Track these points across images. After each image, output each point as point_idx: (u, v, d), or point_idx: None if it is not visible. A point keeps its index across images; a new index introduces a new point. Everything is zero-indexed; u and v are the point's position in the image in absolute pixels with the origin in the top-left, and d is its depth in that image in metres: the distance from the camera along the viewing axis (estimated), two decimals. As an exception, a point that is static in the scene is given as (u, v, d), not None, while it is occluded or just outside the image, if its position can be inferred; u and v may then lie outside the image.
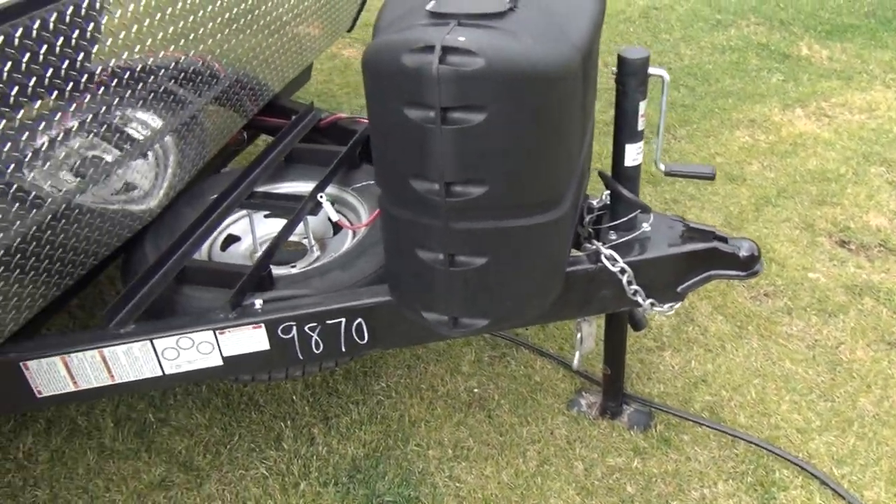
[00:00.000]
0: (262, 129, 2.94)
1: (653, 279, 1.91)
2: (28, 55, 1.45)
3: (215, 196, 2.39)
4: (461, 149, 1.43)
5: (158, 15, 1.86)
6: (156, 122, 2.10)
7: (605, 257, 1.87)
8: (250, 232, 2.39)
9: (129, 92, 1.84)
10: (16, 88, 1.44)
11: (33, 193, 1.59)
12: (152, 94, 1.95)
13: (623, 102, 1.79)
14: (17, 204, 1.54)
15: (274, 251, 2.00)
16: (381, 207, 1.68)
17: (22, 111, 1.47)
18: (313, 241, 2.35)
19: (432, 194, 1.50)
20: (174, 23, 1.94)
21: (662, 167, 1.90)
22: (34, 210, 1.60)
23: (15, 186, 1.51)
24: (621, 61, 1.75)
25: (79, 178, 1.77)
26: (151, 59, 1.89)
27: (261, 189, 2.41)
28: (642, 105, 1.80)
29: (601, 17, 1.70)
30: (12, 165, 1.48)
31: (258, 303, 1.82)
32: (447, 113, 1.39)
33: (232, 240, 2.40)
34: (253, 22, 2.36)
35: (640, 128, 1.83)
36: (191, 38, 2.04)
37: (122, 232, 2.04)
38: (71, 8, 1.53)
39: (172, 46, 1.98)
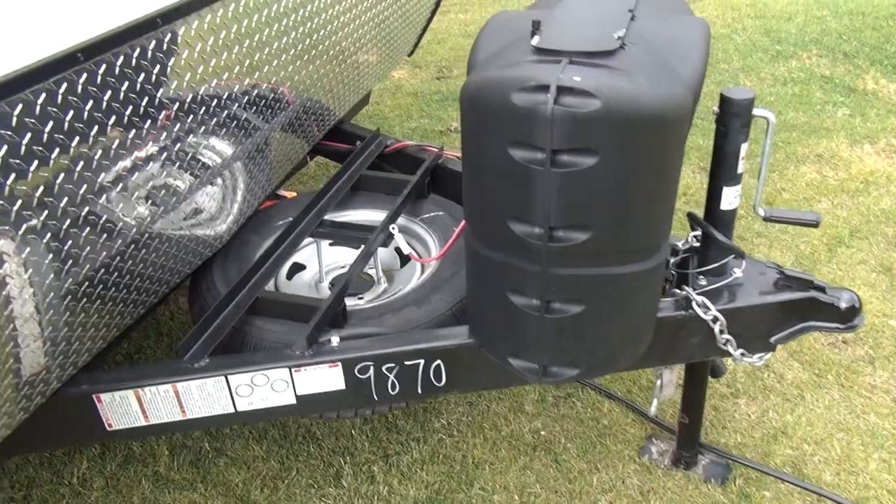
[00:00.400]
0: (325, 153, 2.90)
1: (745, 329, 1.81)
2: (108, 90, 1.42)
3: (281, 223, 2.35)
4: (568, 192, 1.36)
5: (234, 49, 1.82)
6: (227, 148, 2.06)
7: (697, 304, 1.78)
8: (316, 260, 2.33)
9: (202, 120, 1.80)
10: (95, 124, 1.40)
11: (111, 223, 1.54)
12: (224, 122, 1.91)
13: (724, 144, 1.70)
14: (96, 234, 1.50)
15: (349, 286, 1.94)
16: (470, 247, 1.60)
17: (101, 143, 1.44)
18: (381, 273, 2.29)
19: (533, 238, 1.42)
20: (246, 55, 1.90)
21: (762, 212, 1.81)
22: (112, 239, 1.56)
23: (93, 217, 1.47)
24: (725, 101, 1.66)
25: (153, 206, 1.73)
26: (223, 89, 1.85)
27: (328, 217, 2.36)
28: (744, 147, 1.71)
29: (708, 54, 1.62)
30: (91, 196, 1.44)
31: (335, 340, 1.75)
32: (557, 155, 1.32)
33: (297, 268, 2.35)
34: (320, 50, 2.32)
35: (739, 170, 1.74)
36: (261, 67, 2.01)
37: (193, 259, 2.00)
38: (152, 43, 1.49)
39: (243, 76, 1.94)
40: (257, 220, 2.37)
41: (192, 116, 1.73)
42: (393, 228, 2.18)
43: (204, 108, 1.77)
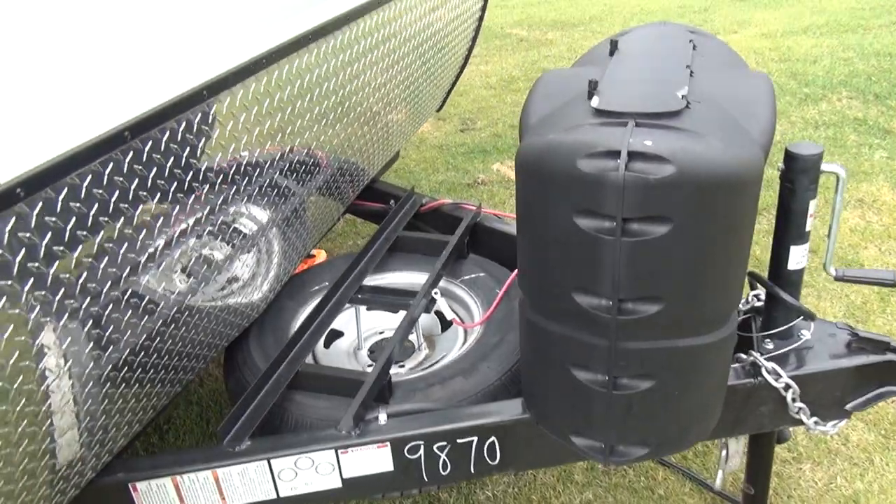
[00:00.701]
0: (359, 213, 2.84)
1: (817, 396, 1.69)
2: (153, 167, 1.36)
3: (317, 288, 2.27)
4: (639, 263, 1.27)
5: (269, 119, 1.77)
6: (263, 214, 2.00)
7: (767, 371, 1.66)
8: (353, 326, 2.25)
9: (240, 189, 1.74)
10: (138, 203, 1.34)
11: (149, 303, 1.47)
12: (261, 189, 1.85)
13: (790, 201, 1.61)
14: (136, 316, 1.43)
15: (393, 358, 1.85)
16: (526, 318, 1.51)
17: (142, 222, 1.38)
18: (422, 339, 2.19)
19: (600, 311, 1.33)
20: (280, 124, 1.85)
21: (833, 272, 1.70)
22: (150, 319, 1.48)
23: (133, 299, 1.40)
24: (791, 157, 1.58)
25: (190, 279, 1.66)
26: (260, 157, 1.80)
27: (366, 281, 2.28)
28: (812, 204, 1.62)
29: (776, 109, 1.55)
30: (131, 277, 1.37)
31: (383, 418, 1.65)
32: (627, 224, 1.23)
33: (334, 335, 2.26)
34: (352, 114, 2.28)
35: (807, 228, 1.64)
36: (295, 134, 1.96)
37: (229, 331, 1.92)
38: (184, 124, 1.44)
39: (279, 143, 1.89)
40: (292, 285, 2.30)
41: (229, 187, 1.67)
42: (436, 293, 2.09)
43: (241, 178, 1.72)
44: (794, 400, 1.67)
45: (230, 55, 1.60)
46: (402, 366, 2.12)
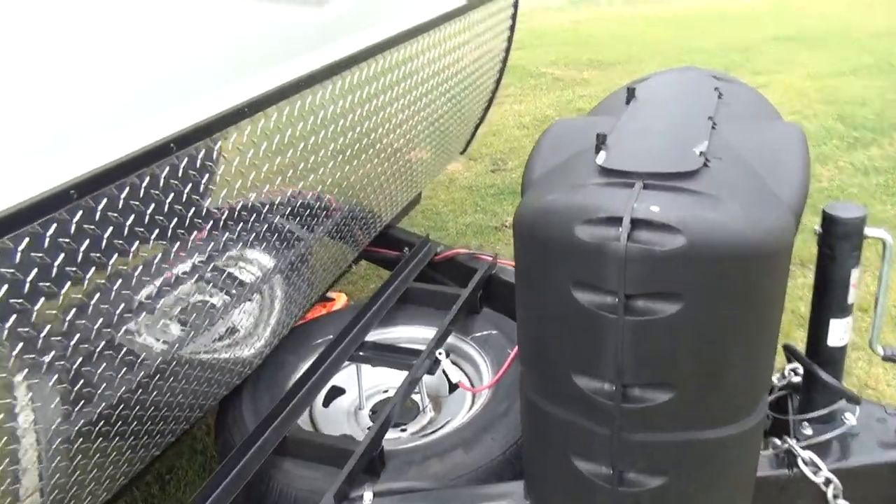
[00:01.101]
0: (373, 260, 2.73)
1: (864, 493, 1.49)
2: (147, 205, 1.27)
3: (320, 341, 2.14)
4: (645, 344, 1.11)
5: (276, 160, 1.67)
6: (265, 261, 1.89)
7: (804, 461, 1.47)
8: (355, 383, 2.11)
9: (240, 234, 1.63)
10: (128, 238, 1.26)
11: (126, 352, 1.37)
12: (263, 234, 1.74)
13: (830, 269, 1.43)
14: (107, 365, 1.32)
15: (388, 427, 1.70)
16: (526, 397, 1.35)
17: (132, 260, 1.29)
18: (427, 401, 2.04)
19: (602, 396, 1.17)
20: (291, 165, 1.75)
21: (880, 351, 1.51)
22: (126, 371, 1.38)
23: (105, 346, 1.29)
24: (830, 220, 1.40)
25: (184, 328, 1.55)
26: (264, 198, 1.70)
27: (371, 336, 2.15)
28: (855, 273, 1.43)
29: (809, 166, 1.38)
30: (116, 322, 1.28)
31: (368, 497, 1.50)
32: (631, 301, 1.08)
33: (335, 392, 2.13)
34: (368, 154, 2.17)
35: (850, 300, 1.45)
36: (306, 174, 1.85)
37: (217, 390, 1.80)
38: (185, 160, 1.35)
39: (286, 184, 1.78)
40: (294, 338, 2.18)
41: (231, 229, 1.57)
42: (440, 354, 1.95)
43: (245, 220, 1.61)
44: (835, 497, 1.47)
45: (239, 90, 1.51)
46: (404, 429, 1.97)
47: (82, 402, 1.29)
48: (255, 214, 1.65)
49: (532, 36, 8.58)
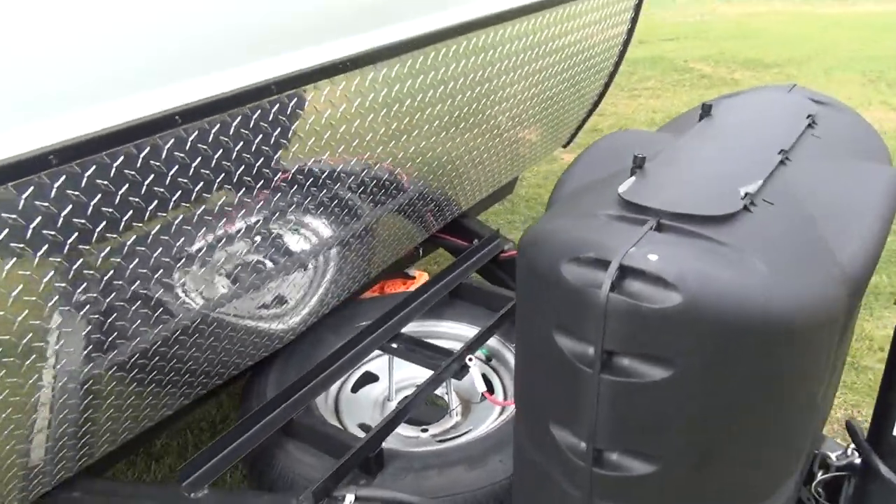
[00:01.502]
0: (443, 247, 2.65)
1: None
2: (215, 152, 1.30)
3: (365, 323, 2.10)
4: (626, 408, 0.96)
5: (355, 122, 1.62)
6: (325, 230, 1.86)
7: (839, 563, 1.25)
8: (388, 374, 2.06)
9: (301, 197, 1.60)
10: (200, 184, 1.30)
11: (168, 304, 1.40)
12: (328, 201, 1.71)
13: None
14: (147, 316, 1.35)
15: (390, 430, 1.64)
16: (516, 432, 1.24)
17: (201, 207, 1.33)
18: (456, 403, 1.96)
19: (576, 454, 1.03)
20: (367, 132, 1.69)
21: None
22: (164, 322, 1.41)
23: (147, 296, 1.33)
24: (912, 293, 1.16)
25: (228, 288, 1.56)
26: (334, 164, 1.65)
27: (414, 327, 2.08)
28: (938, 358, 1.19)
29: (891, 221, 1.14)
30: (154, 272, 1.32)
31: (348, 500, 1.45)
32: (613, 358, 0.93)
33: (368, 378, 2.09)
34: (452, 132, 2.06)
35: (927, 389, 1.21)
36: (385, 145, 1.78)
37: (248, 355, 1.81)
38: (259, 112, 1.34)
39: (359, 153, 1.72)
40: (341, 315, 2.15)
41: (289, 193, 1.55)
42: (470, 360, 1.85)
43: (305, 186, 1.58)
44: None
45: (333, 47, 1.50)
46: (426, 430, 1.90)
47: (103, 347, 1.32)
48: (322, 180, 1.62)
49: (691, 27, 8.06)
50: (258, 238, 1.56)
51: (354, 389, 2.04)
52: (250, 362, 1.84)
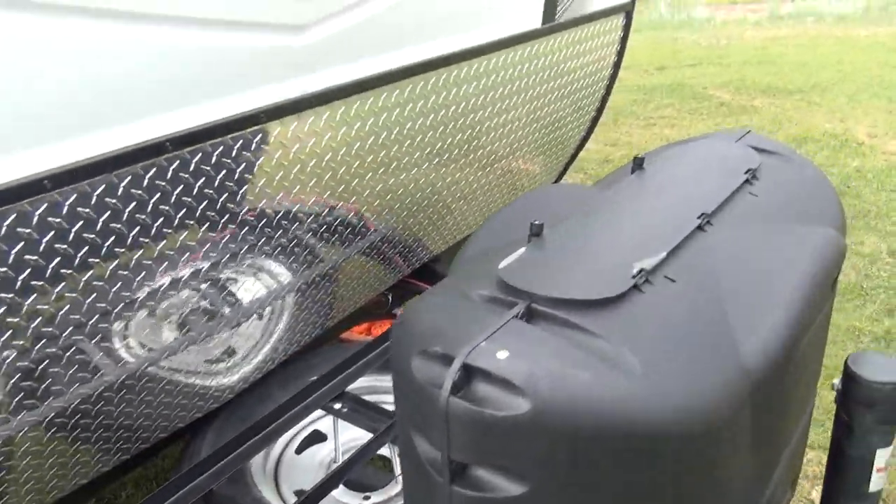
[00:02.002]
0: (408, 293, 2.54)
1: None
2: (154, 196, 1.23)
3: (316, 379, 2.00)
4: (486, 523, 0.83)
5: (314, 162, 1.53)
6: (278, 276, 1.78)
7: None
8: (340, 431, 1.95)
9: (255, 240, 1.52)
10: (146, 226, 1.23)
11: (113, 352, 1.33)
12: (287, 244, 1.62)
13: (846, 443, 1.04)
14: (80, 369, 1.28)
15: (318, 499, 1.53)
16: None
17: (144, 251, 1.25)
18: (400, 469, 1.83)
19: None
20: (329, 173, 1.60)
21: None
22: (102, 376, 1.33)
23: (98, 340, 1.25)
24: (851, 377, 1.02)
25: (181, 332, 1.48)
26: (294, 205, 1.57)
27: (368, 381, 1.97)
28: (882, 455, 1.03)
29: (820, 303, 1.00)
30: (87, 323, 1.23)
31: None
32: (466, 468, 0.81)
33: (317, 437, 1.98)
34: (430, 172, 1.95)
35: (872, 488, 1.05)
36: (337, 185, 1.69)
37: (191, 409, 1.72)
38: (220, 148, 1.27)
39: (316, 193, 1.63)
40: (295, 367, 2.06)
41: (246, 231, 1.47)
42: (410, 423, 1.73)
43: (256, 229, 1.49)
44: None
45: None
46: (368, 497, 1.79)
47: (31, 400, 1.25)
48: (275, 221, 1.53)
49: (714, 51, 7.87)
50: (199, 287, 1.48)
51: (299, 450, 1.93)
52: (191, 418, 1.76)
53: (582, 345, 0.80)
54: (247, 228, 1.46)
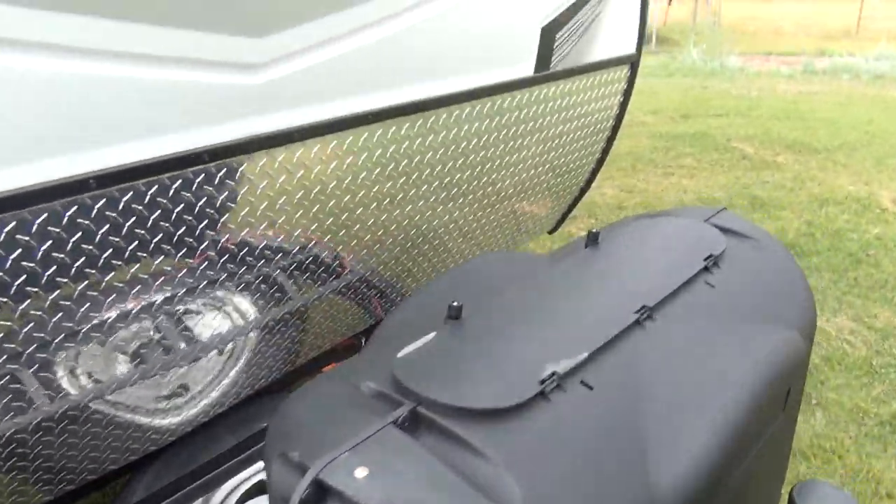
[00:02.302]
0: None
1: None
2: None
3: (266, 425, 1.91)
4: None
5: (285, 198, 1.47)
6: (248, 311, 1.70)
7: None
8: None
9: (213, 274, 1.44)
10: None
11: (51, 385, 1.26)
12: (255, 279, 1.54)
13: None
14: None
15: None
16: None
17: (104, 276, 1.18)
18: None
19: None
20: (300, 210, 1.53)
21: None
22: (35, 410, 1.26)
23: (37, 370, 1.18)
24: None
25: (132, 365, 1.41)
26: (263, 240, 1.49)
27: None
28: None
29: (782, 398, 0.89)
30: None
31: None
32: None
33: (264, 488, 1.88)
34: (415, 213, 1.87)
35: None
36: (305, 223, 1.62)
37: (127, 450, 1.64)
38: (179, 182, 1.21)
39: (295, 230, 1.56)
40: (246, 413, 1.97)
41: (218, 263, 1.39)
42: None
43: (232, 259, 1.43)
44: None
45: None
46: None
47: None
48: (241, 257, 1.46)
49: (743, 103, 7.74)
50: (155, 319, 1.41)
51: (243, 500, 1.83)
52: (124, 461, 1.67)
53: (459, 466, 0.70)
54: (207, 263, 1.39)
